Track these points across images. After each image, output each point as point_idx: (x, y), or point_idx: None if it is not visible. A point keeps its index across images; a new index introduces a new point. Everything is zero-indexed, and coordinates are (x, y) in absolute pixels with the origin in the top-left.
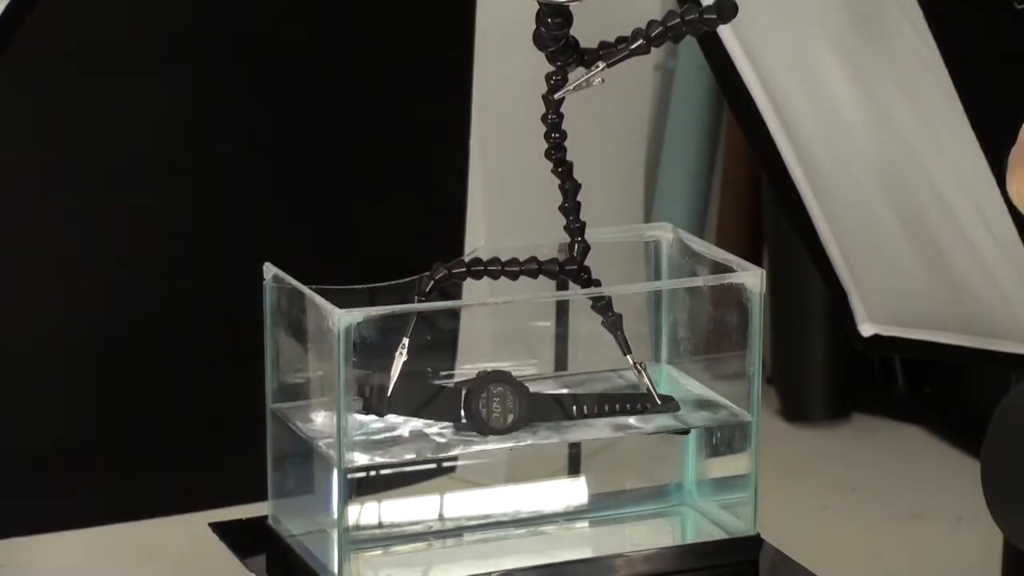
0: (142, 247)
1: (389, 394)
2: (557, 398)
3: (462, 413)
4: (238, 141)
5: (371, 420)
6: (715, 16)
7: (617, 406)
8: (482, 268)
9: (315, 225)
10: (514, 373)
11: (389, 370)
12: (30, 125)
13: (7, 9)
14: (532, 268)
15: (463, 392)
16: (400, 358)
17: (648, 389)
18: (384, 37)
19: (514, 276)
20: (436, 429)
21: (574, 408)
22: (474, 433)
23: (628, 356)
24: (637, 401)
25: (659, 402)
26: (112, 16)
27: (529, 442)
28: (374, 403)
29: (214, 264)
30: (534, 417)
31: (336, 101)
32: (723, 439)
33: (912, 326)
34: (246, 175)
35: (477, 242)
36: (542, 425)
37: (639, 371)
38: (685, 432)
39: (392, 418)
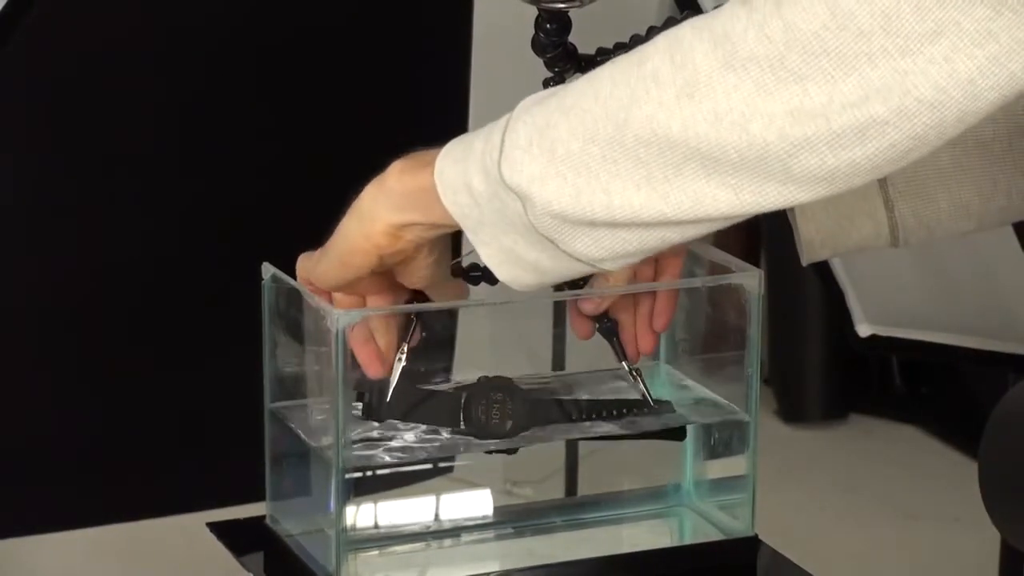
0: (140, 247)
1: (388, 399)
2: (556, 404)
3: (461, 418)
4: (235, 140)
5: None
6: None
7: (615, 411)
8: (479, 274)
9: (314, 225)
10: (511, 375)
11: (388, 374)
12: (25, 124)
13: (6, 9)
14: None
15: (462, 398)
16: (399, 364)
17: (643, 395)
18: (382, 38)
19: None
20: (434, 430)
21: (573, 413)
22: (472, 437)
23: (624, 363)
24: (634, 406)
25: (654, 407)
26: (111, 16)
27: (522, 441)
28: (373, 407)
29: (212, 263)
30: (533, 423)
31: (334, 102)
32: (721, 440)
33: (909, 326)
34: (245, 174)
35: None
36: (541, 429)
37: (635, 377)
38: (680, 438)
39: (390, 421)
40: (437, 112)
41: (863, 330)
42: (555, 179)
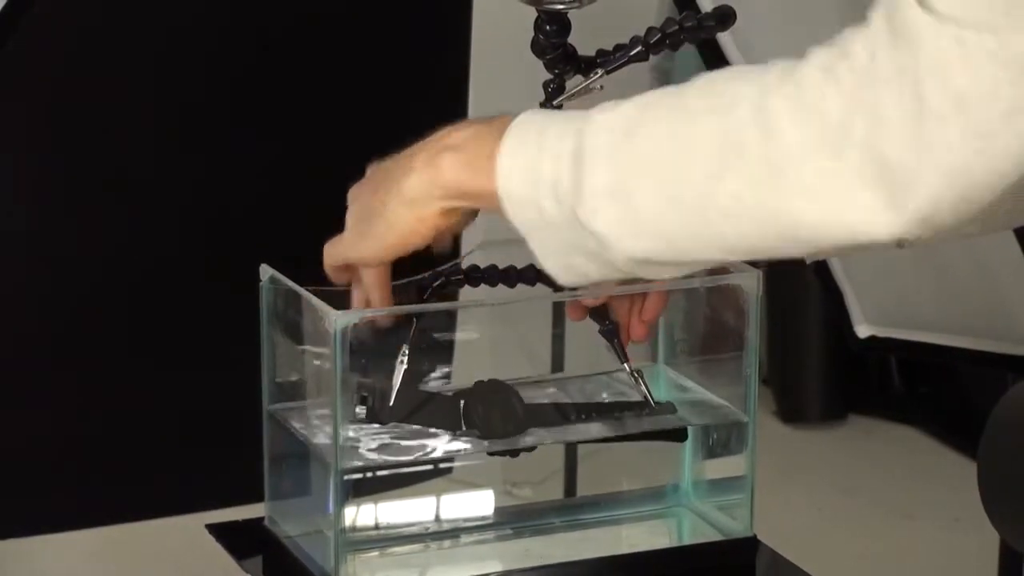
0: (140, 247)
1: (391, 402)
2: (555, 407)
3: (462, 421)
4: (235, 140)
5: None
6: (714, 23)
7: (615, 413)
8: (479, 275)
9: (313, 226)
10: (511, 375)
11: (388, 375)
12: (25, 124)
13: (6, 9)
14: (530, 276)
15: (463, 400)
16: (401, 366)
17: (645, 397)
18: (382, 39)
19: (512, 284)
20: (433, 431)
21: (573, 416)
22: (473, 439)
23: (625, 364)
24: (634, 408)
25: (656, 408)
26: (111, 16)
27: (526, 442)
28: (376, 410)
29: (212, 263)
30: (533, 425)
31: (334, 102)
32: (720, 440)
33: (908, 327)
34: (244, 174)
35: (475, 240)
36: (542, 430)
37: (636, 379)
38: (681, 440)
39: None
40: (437, 113)
41: (862, 331)
42: (635, 235)
